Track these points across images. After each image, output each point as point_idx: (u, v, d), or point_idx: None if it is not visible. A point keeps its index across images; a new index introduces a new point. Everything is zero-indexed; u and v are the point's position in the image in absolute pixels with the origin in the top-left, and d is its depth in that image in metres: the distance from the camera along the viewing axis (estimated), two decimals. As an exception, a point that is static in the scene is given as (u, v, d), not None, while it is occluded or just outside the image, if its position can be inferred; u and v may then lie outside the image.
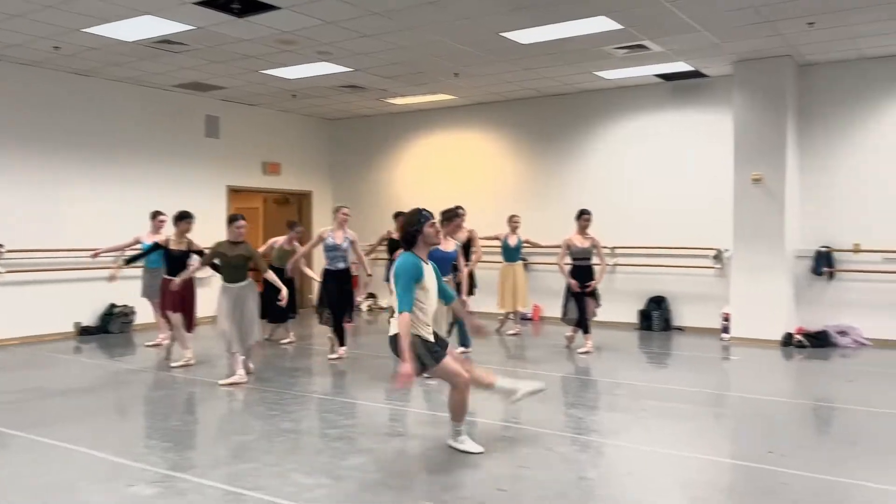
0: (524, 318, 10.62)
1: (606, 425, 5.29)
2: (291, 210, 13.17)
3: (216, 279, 7.04)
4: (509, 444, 4.79)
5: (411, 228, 4.48)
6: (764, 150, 8.88)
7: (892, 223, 8.77)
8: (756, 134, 8.95)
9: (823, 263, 9.06)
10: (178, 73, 9.67)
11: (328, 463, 4.36)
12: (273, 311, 8.79)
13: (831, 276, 9.11)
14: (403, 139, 12.83)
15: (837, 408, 5.96)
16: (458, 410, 4.55)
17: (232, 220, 6.79)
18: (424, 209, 4.59)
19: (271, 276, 6.94)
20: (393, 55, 8.66)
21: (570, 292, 8.26)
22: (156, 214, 8.60)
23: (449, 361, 4.45)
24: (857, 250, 8.96)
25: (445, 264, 6.73)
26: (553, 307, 10.11)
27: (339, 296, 7.76)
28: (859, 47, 8.37)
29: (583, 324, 8.26)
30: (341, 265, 7.74)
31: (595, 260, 8.28)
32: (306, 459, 4.43)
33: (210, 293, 7.96)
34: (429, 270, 4.47)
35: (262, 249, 8.70)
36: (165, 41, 8.04)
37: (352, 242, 7.79)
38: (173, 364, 7.45)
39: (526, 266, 10.29)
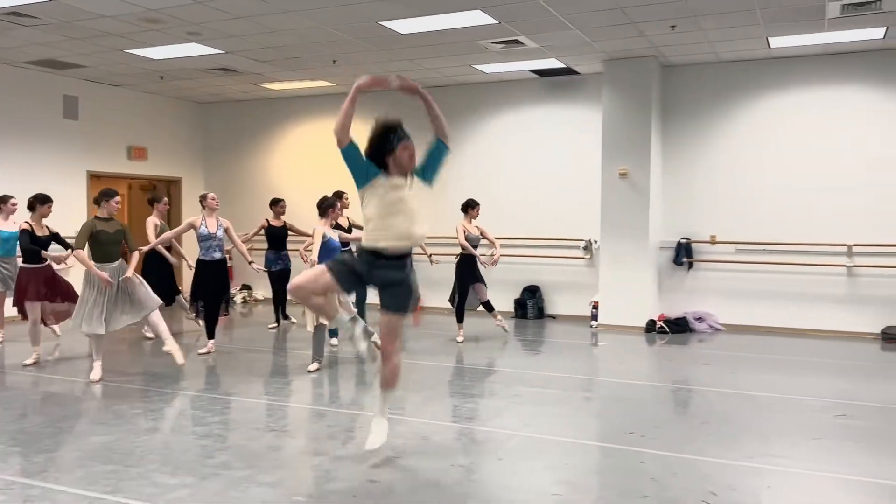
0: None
1: (481, 412, 5.40)
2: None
3: (77, 270, 6.58)
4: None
5: (381, 147, 4.05)
6: (630, 146, 9.32)
7: (744, 217, 9.45)
8: (623, 131, 9.38)
9: (683, 254, 9.64)
10: (31, 49, 8.95)
11: (194, 461, 4.19)
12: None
13: (690, 265, 9.71)
14: (280, 126, 12.51)
15: (693, 389, 6.36)
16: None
17: (109, 194, 6.41)
18: (398, 128, 4.12)
19: (135, 258, 6.60)
20: (267, 39, 8.40)
21: (461, 281, 8.33)
22: (5, 199, 7.94)
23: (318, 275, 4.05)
24: (713, 242, 9.60)
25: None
26: (433, 297, 10.20)
27: (214, 286, 7.51)
28: (716, 51, 8.93)
29: (459, 313, 8.38)
30: (217, 255, 7.49)
31: (480, 250, 8.48)
32: (170, 459, 4.23)
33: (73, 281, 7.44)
34: (391, 187, 3.98)
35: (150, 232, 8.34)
36: (13, 13, 7.41)
37: (226, 230, 7.55)
38: (26, 362, 6.92)
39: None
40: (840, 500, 3.76)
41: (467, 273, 8.31)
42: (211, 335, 7.57)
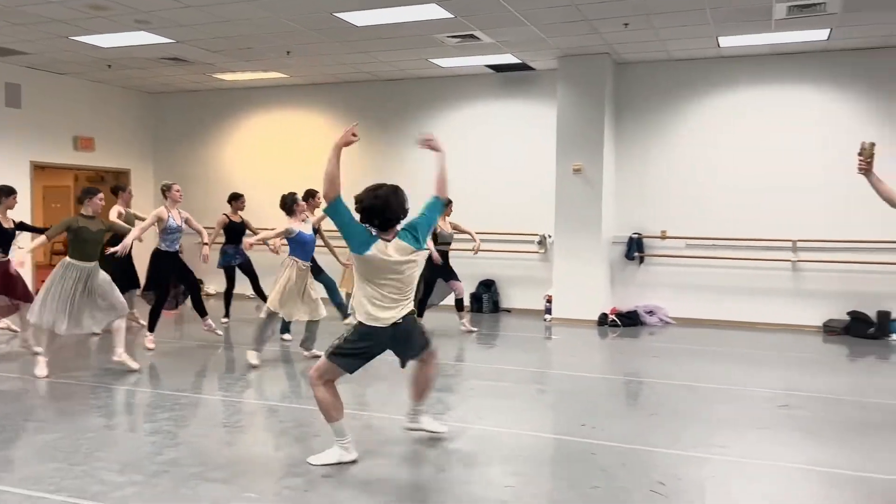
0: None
1: (435, 406, 5.41)
2: (106, 190, 12.22)
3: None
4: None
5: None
6: (584, 142, 9.42)
7: (694, 212, 9.65)
8: (577, 126, 9.48)
9: (635, 249, 9.81)
10: (-29, 34, 8.63)
11: (143, 458, 4.11)
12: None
13: (641, 260, 9.88)
14: (234, 117, 12.30)
15: (644, 381, 6.49)
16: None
17: (92, 192, 6.29)
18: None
19: (133, 233, 6.66)
20: (219, 28, 8.25)
21: (430, 277, 8.30)
22: None
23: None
24: (664, 237, 9.78)
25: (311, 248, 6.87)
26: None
27: (184, 274, 7.54)
28: (668, 49, 9.09)
29: (421, 307, 8.37)
30: (177, 246, 7.48)
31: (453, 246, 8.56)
32: (117, 456, 4.15)
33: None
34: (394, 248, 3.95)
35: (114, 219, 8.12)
36: (-48, -4, 7.14)
37: (187, 220, 7.54)
38: (-35, 358, 6.71)
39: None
40: (782, 488, 3.88)
41: (439, 269, 8.31)
42: (152, 328, 7.42)
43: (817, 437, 4.72)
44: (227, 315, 9.18)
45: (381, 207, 3.94)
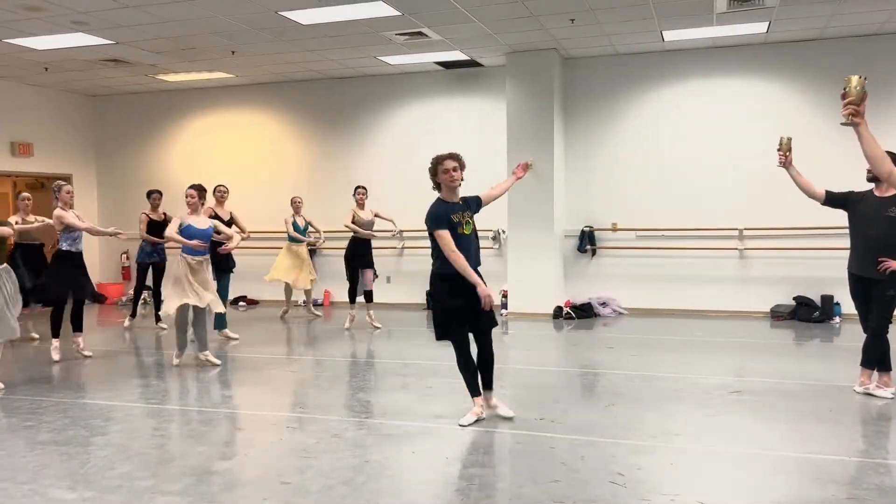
0: (316, 304, 10.53)
1: (392, 406, 5.38)
2: (47, 195, 11.83)
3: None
4: (295, 433, 4.70)
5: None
6: (534, 138, 9.49)
7: (643, 204, 9.80)
8: (527, 122, 9.54)
9: (587, 241, 9.91)
10: None
11: (95, 474, 3.99)
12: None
13: (594, 252, 10.00)
14: (179, 118, 12.04)
15: (599, 373, 6.56)
16: None
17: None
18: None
19: None
20: (160, 29, 8.05)
21: (351, 267, 8.50)
22: None
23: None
24: (614, 229, 9.93)
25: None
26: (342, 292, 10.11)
27: (83, 277, 7.27)
28: (613, 44, 9.20)
29: (368, 295, 8.59)
30: (81, 246, 7.22)
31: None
32: (68, 472, 4.02)
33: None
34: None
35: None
36: None
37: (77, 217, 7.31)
38: None
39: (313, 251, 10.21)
40: (735, 473, 3.97)
41: (356, 257, 8.58)
42: (55, 333, 7.21)
43: (766, 422, 4.83)
44: (133, 315, 9.08)
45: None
